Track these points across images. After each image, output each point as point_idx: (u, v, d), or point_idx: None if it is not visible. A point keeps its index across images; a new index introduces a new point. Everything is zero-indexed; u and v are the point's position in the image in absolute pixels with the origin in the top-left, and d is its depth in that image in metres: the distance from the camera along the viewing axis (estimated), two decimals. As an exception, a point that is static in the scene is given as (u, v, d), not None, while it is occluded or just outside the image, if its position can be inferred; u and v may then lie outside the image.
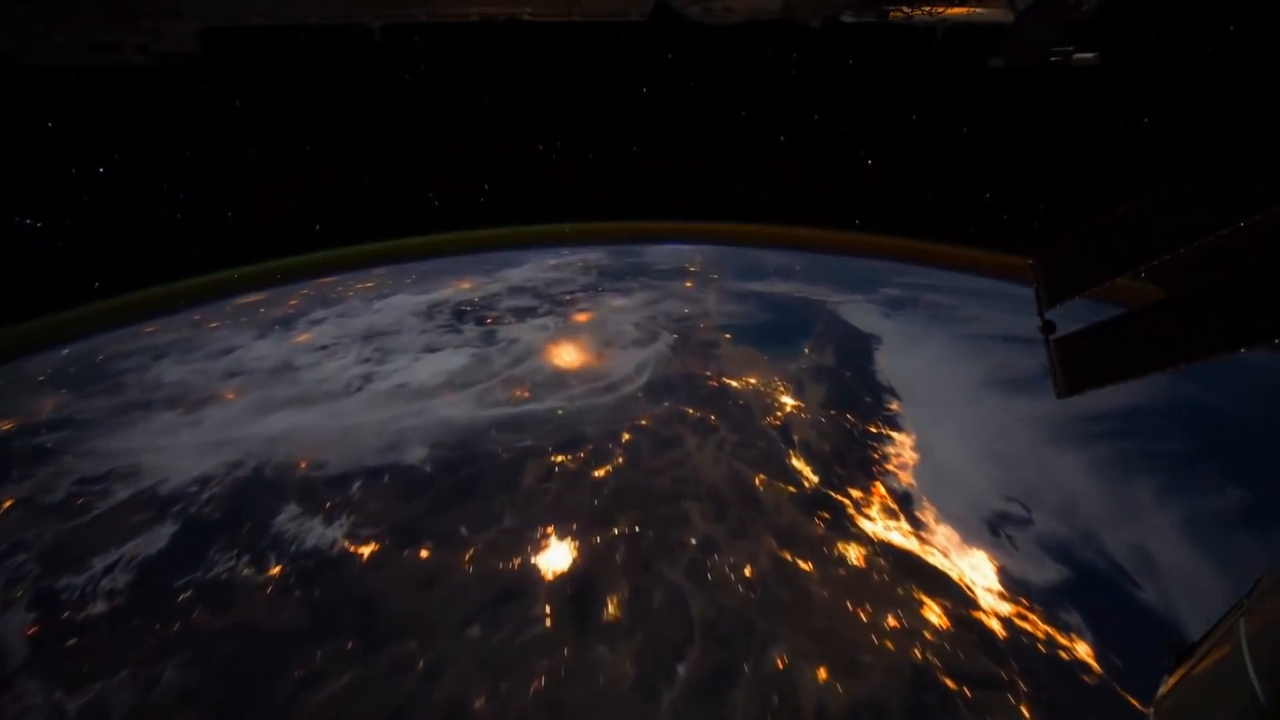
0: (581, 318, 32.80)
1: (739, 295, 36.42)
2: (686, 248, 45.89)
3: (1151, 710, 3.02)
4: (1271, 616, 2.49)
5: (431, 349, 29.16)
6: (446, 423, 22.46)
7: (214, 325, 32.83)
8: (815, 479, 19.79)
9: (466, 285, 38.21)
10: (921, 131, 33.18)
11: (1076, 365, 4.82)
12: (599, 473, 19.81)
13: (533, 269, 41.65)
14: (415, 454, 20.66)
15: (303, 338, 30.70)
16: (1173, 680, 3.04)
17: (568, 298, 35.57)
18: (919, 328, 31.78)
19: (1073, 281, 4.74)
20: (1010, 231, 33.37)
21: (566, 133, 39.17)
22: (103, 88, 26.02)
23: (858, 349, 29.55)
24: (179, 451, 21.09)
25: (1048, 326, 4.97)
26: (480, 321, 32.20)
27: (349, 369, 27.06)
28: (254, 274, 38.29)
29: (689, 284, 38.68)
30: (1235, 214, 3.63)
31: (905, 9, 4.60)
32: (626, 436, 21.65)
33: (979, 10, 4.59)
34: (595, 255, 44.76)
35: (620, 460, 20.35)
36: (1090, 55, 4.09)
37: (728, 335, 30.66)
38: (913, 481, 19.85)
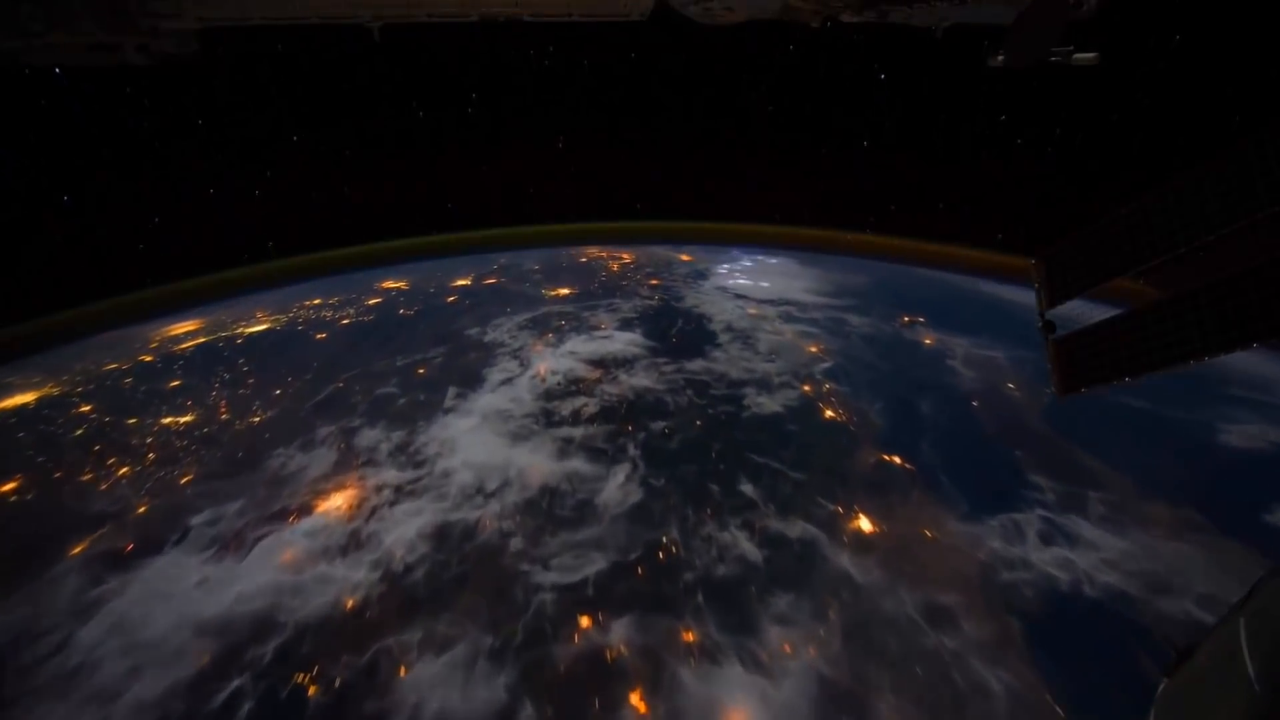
0: None
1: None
2: (749, 282, 38.21)
3: (1152, 710, 3.02)
4: (1271, 616, 2.49)
5: None
6: None
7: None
8: None
9: (353, 492, 18.22)
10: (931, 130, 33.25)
11: (1075, 365, 4.82)
12: None
13: (501, 413, 22.44)
14: None
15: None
16: (1173, 680, 3.04)
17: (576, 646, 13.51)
18: None
19: (1073, 282, 4.75)
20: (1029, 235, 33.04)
21: (566, 132, 39.19)
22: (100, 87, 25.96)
23: None
24: None
25: (1048, 326, 4.98)
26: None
27: None
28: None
29: (872, 528, 16.88)
30: (1237, 215, 3.63)
31: (906, 8, 4.60)
32: None
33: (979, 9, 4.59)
34: (624, 339, 28.35)
35: None
36: (1090, 55, 4.09)
37: None
38: None
